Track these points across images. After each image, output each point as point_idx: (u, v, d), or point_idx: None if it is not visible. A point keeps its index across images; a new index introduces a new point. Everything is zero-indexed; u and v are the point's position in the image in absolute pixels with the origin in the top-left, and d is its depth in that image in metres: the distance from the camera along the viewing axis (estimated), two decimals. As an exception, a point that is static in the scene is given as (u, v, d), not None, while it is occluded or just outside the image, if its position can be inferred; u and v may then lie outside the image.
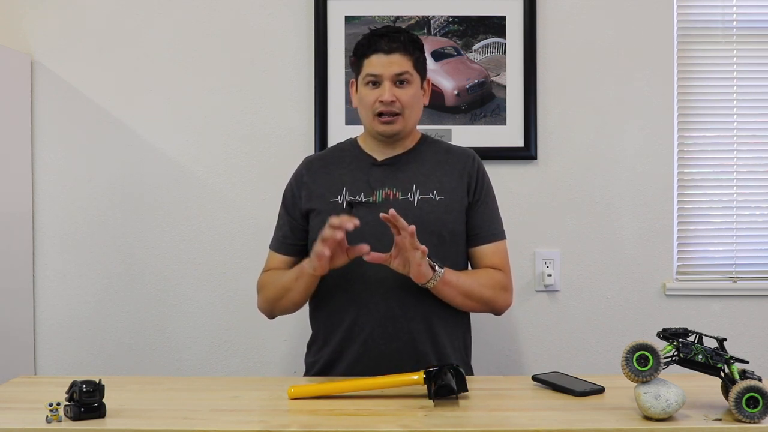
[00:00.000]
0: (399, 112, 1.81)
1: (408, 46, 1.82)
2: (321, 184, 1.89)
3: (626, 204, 2.49)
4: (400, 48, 1.80)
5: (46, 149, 2.49)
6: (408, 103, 1.82)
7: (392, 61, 1.79)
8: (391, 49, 1.79)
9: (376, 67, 1.80)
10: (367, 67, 1.82)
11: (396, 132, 1.84)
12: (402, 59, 1.80)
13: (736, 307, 2.50)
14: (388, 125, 1.82)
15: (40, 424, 1.40)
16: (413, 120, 1.87)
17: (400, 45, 1.80)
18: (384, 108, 1.80)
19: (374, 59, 1.80)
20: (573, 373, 1.73)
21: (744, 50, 2.52)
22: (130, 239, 2.50)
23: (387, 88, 1.79)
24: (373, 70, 1.80)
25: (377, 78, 1.80)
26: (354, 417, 1.45)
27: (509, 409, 1.56)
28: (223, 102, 2.49)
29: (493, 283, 1.85)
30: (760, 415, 1.38)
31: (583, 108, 2.49)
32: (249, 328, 2.48)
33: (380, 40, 1.81)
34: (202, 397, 1.62)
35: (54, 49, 2.49)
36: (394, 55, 1.80)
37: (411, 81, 1.82)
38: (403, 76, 1.81)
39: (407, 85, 1.82)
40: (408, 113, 1.83)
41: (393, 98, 1.79)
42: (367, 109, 1.83)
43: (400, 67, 1.80)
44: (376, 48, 1.80)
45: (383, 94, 1.79)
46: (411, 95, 1.83)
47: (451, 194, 1.85)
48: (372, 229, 1.80)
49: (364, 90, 1.83)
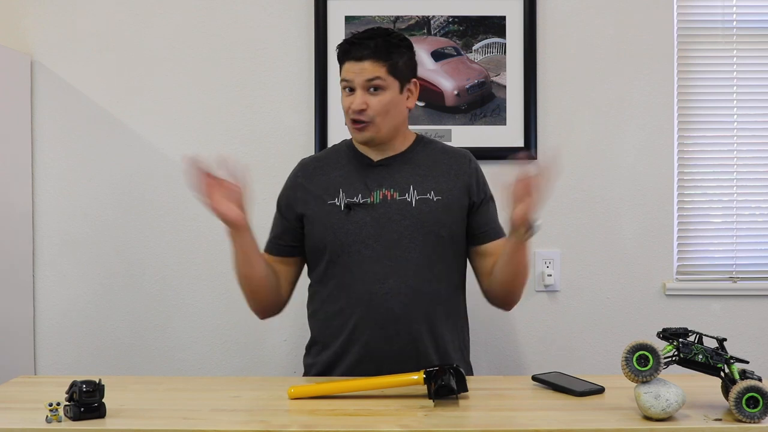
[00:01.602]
0: (369, 120, 1.80)
1: (380, 51, 1.79)
2: (317, 186, 1.88)
3: (626, 204, 2.49)
4: (370, 55, 1.79)
5: (46, 149, 2.49)
6: (380, 110, 1.80)
7: (363, 68, 1.79)
8: (362, 56, 1.79)
9: (349, 73, 1.81)
10: (342, 72, 1.83)
11: (368, 139, 1.84)
12: (373, 66, 1.79)
13: (736, 307, 2.50)
14: (360, 132, 1.83)
15: (40, 424, 1.40)
16: (388, 126, 1.83)
17: (369, 52, 1.79)
18: (354, 116, 1.81)
19: (347, 66, 1.81)
20: (573, 373, 1.73)
21: (744, 50, 2.52)
22: (130, 239, 2.50)
23: (358, 96, 1.79)
24: (346, 75, 1.82)
25: (350, 84, 1.81)
26: (354, 417, 1.45)
27: (509, 409, 1.56)
28: (223, 102, 2.49)
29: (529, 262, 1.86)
30: (760, 415, 1.38)
31: (583, 108, 2.49)
32: (249, 328, 2.47)
33: (351, 47, 1.81)
34: (202, 397, 1.62)
35: (54, 49, 2.49)
36: (365, 62, 1.79)
37: (384, 87, 1.80)
38: (374, 82, 1.79)
39: (381, 92, 1.80)
40: (380, 120, 1.81)
41: (363, 106, 1.79)
42: (345, 113, 1.85)
43: (371, 73, 1.79)
44: (349, 55, 1.81)
45: (353, 102, 1.80)
46: (384, 102, 1.80)
47: (449, 195, 1.85)
48: (370, 230, 1.80)
49: (342, 95, 1.85)
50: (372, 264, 1.80)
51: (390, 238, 1.80)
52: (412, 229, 1.81)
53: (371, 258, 1.80)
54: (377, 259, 1.80)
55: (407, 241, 1.80)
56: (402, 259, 1.80)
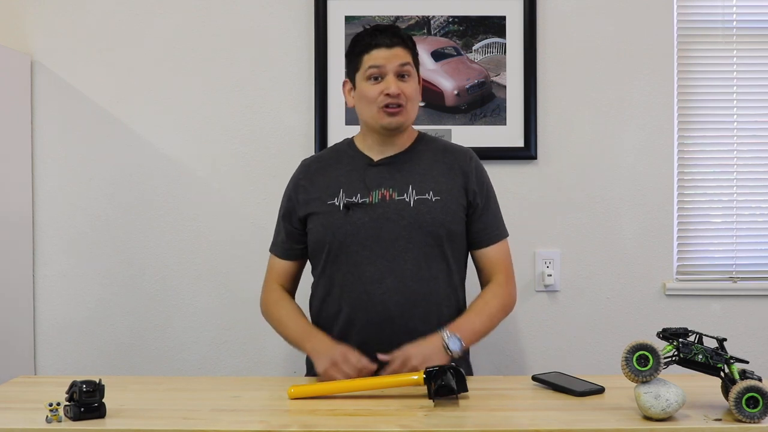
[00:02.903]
0: (403, 104, 1.81)
1: (408, 41, 1.85)
2: (318, 186, 1.88)
3: (626, 204, 2.49)
4: (401, 42, 1.82)
5: (46, 149, 2.49)
6: (411, 95, 1.83)
7: (395, 54, 1.80)
8: (393, 43, 1.81)
9: (379, 59, 1.80)
10: (369, 61, 1.81)
11: (400, 123, 1.84)
12: (404, 52, 1.82)
13: (736, 307, 2.50)
14: (394, 117, 1.81)
15: (40, 424, 1.40)
16: (414, 113, 1.87)
17: (400, 39, 1.82)
18: (390, 100, 1.80)
19: (375, 53, 1.80)
20: (573, 373, 1.73)
21: (744, 50, 2.52)
22: (130, 239, 2.50)
23: (392, 81, 1.80)
24: (376, 62, 1.80)
25: (380, 71, 1.80)
26: (354, 417, 1.45)
27: (509, 409, 1.56)
28: (223, 102, 2.49)
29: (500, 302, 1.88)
30: (760, 415, 1.38)
31: (583, 108, 2.49)
32: (249, 328, 2.47)
33: (381, 35, 1.81)
34: (202, 397, 1.62)
35: (54, 49, 2.49)
36: (396, 48, 1.81)
37: (412, 74, 1.84)
38: (406, 68, 1.81)
39: (409, 79, 1.83)
40: (410, 106, 1.84)
41: (398, 91, 1.79)
42: (371, 103, 1.82)
43: (403, 58, 1.81)
44: (377, 43, 1.81)
45: (389, 87, 1.79)
46: (414, 88, 1.84)
47: (448, 194, 1.85)
48: (368, 231, 1.80)
49: (366, 85, 1.82)
50: (369, 264, 1.80)
51: (387, 238, 1.80)
52: (410, 230, 1.80)
53: (369, 258, 1.80)
54: (375, 259, 1.80)
55: (405, 241, 1.80)
56: (399, 260, 1.80)
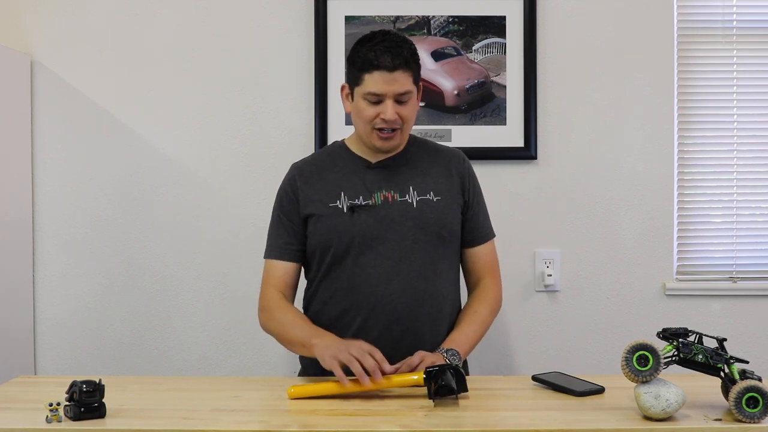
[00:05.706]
0: (399, 127, 1.79)
1: (410, 61, 1.77)
2: (317, 189, 1.86)
3: (626, 204, 2.49)
4: (403, 65, 1.74)
5: (46, 149, 2.49)
6: (408, 118, 1.80)
7: (395, 79, 1.74)
8: (395, 66, 1.73)
9: (379, 85, 1.74)
10: (369, 85, 1.75)
11: (393, 147, 1.84)
12: (404, 76, 1.75)
13: (736, 307, 2.50)
14: (387, 141, 1.80)
15: (40, 424, 1.40)
16: (408, 132, 1.87)
17: (402, 62, 1.74)
18: (386, 125, 1.77)
19: (377, 76, 1.73)
20: (573, 373, 1.73)
21: (744, 50, 2.52)
22: (130, 239, 2.50)
23: (389, 107, 1.75)
24: (375, 89, 1.74)
25: (379, 97, 1.76)
26: (354, 417, 1.45)
27: (509, 409, 1.56)
28: (223, 102, 2.49)
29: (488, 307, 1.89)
30: (760, 415, 1.38)
31: (583, 108, 2.49)
32: (249, 328, 2.47)
33: (383, 54, 1.73)
34: (202, 397, 1.62)
35: (54, 49, 2.49)
36: (397, 72, 1.74)
37: (411, 98, 1.79)
38: (405, 96, 1.77)
39: (407, 102, 1.78)
40: (406, 127, 1.82)
41: (395, 117, 1.76)
42: (366, 122, 1.79)
43: (403, 86, 1.75)
44: (379, 64, 1.73)
45: (385, 113, 1.75)
46: (412, 111, 1.81)
47: (447, 194, 1.86)
48: (373, 232, 1.80)
49: (363, 104, 1.78)
50: (376, 266, 1.80)
51: (393, 239, 1.80)
52: (415, 230, 1.81)
53: (375, 260, 1.80)
54: (381, 260, 1.80)
55: (410, 242, 1.80)
56: (406, 260, 1.80)
